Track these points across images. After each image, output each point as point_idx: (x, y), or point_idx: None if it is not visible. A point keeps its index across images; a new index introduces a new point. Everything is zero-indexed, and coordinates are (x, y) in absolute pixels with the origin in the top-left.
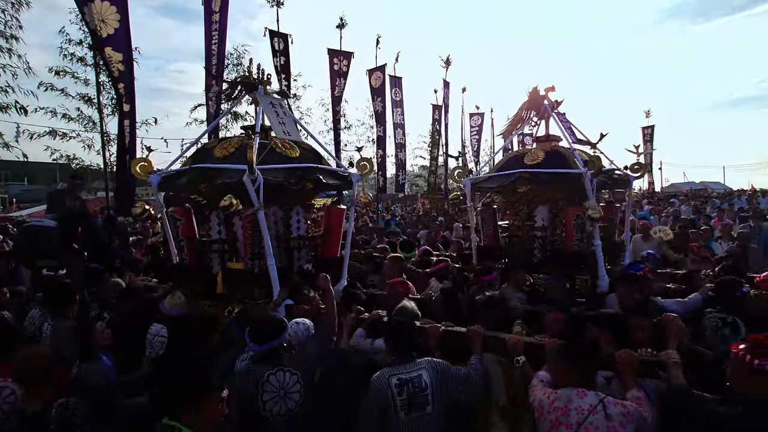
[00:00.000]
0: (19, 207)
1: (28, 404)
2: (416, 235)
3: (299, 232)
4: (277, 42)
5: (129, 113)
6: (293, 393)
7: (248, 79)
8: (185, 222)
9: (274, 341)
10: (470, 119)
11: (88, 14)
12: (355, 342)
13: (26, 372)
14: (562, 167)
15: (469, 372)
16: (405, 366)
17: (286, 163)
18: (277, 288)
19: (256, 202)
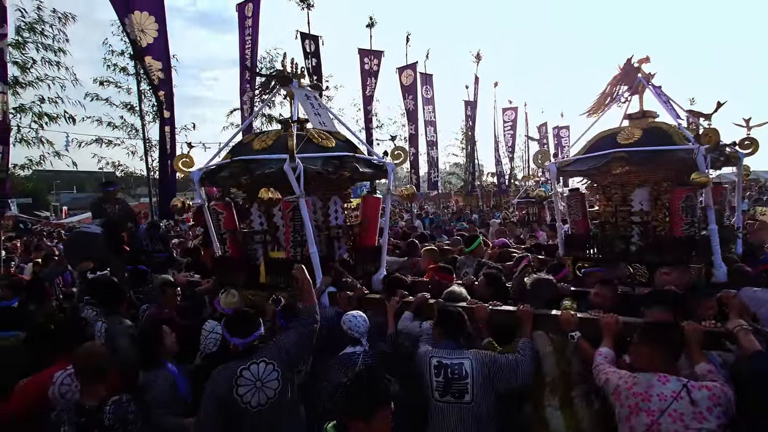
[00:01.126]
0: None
1: (86, 400)
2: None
3: (337, 221)
4: (308, 44)
5: (169, 120)
6: (270, 382)
7: (283, 73)
8: (227, 215)
9: (255, 333)
10: (503, 114)
11: (128, 25)
12: (403, 325)
13: (84, 369)
14: (664, 144)
15: (518, 358)
16: (448, 351)
17: (322, 152)
18: (320, 275)
19: (297, 190)
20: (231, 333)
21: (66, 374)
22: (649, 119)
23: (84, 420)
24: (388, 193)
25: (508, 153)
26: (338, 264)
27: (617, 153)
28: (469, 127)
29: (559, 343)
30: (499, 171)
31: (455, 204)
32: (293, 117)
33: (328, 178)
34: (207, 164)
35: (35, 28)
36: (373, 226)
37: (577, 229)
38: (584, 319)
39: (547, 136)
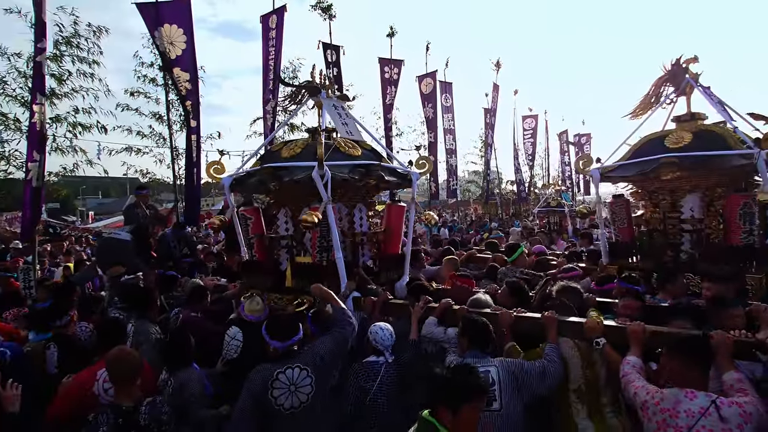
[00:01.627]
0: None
1: (122, 401)
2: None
3: (362, 228)
4: (329, 54)
5: (195, 129)
6: (304, 387)
7: (311, 84)
8: (255, 220)
9: (294, 338)
10: (523, 122)
11: (158, 37)
12: (428, 330)
13: (118, 372)
14: (717, 148)
15: (544, 365)
16: (474, 360)
17: (349, 161)
18: (345, 281)
19: (324, 197)
20: (271, 335)
21: None
22: (699, 122)
23: (121, 421)
24: (412, 202)
25: (528, 161)
26: (362, 270)
27: (667, 158)
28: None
29: (585, 350)
30: (519, 179)
31: (474, 212)
32: (321, 126)
33: (353, 186)
34: (237, 171)
35: (71, 42)
36: (397, 234)
37: (622, 237)
38: (610, 327)
39: (567, 144)
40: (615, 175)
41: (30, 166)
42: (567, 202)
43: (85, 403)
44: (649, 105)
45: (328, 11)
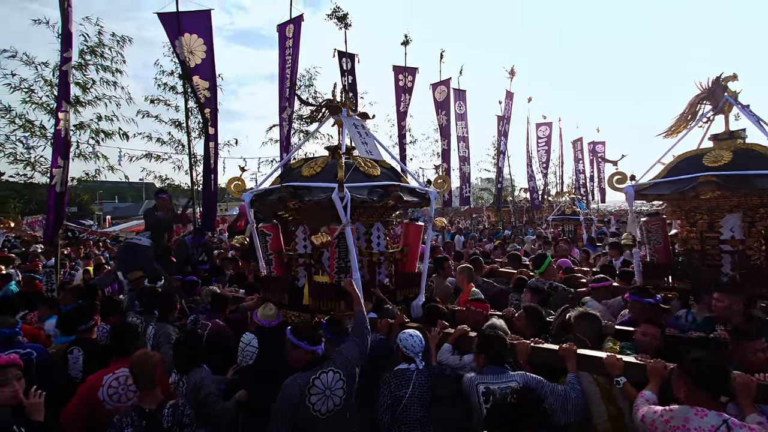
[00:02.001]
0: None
1: (145, 404)
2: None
3: (379, 247)
4: (345, 62)
5: (213, 136)
6: (337, 390)
7: (333, 103)
8: (273, 237)
9: (322, 342)
10: (537, 129)
11: (179, 46)
12: (443, 358)
13: (140, 375)
14: (759, 167)
15: (567, 390)
16: (495, 376)
17: (368, 181)
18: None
19: (344, 219)
20: (300, 338)
21: (114, 377)
22: (738, 140)
23: (145, 423)
24: (429, 221)
25: (542, 169)
26: (379, 289)
27: (707, 177)
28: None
29: (605, 385)
30: (532, 186)
31: (487, 219)
32: (341, 147)
33: (372, 206)
34: (257, 188)
35: (96, 51)
36: (414, 253)
37: (658, 257)
38: (631, 364)
39: (582, 152)
40: (650, 192)
41: (54, 172)
42: (582, 211)
43: (93, 407)
44: (685, 123)
45: (343, 20)
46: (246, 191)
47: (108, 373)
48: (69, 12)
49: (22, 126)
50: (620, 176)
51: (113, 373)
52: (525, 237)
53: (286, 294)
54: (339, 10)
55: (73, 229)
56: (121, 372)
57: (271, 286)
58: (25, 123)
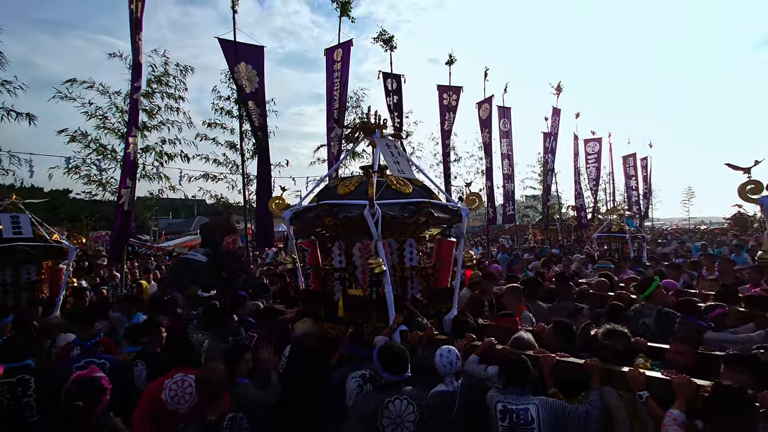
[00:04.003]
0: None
1: (207, 414)
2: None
3: (412, 263)
4: (390, 83)
5: (266, 157)
6: (408, 422)
7: (367, 125)
8: (311, 252)
9: (406, 373)
10: (585, 145)
11: (237, 73)
12: (470, 368)
13: (205, 388)
14: None
15: (588, 410)
16: (514, 397)
17: (400, 198)
18: (393, 314)
19: (375, 234)
20: (384, 367)
21: (173, 381)
22: None
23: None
24: (461, 238)
25: (592, 186)
26: (411, 303)
27: None
28: (549, 159)
29: (630, 401)
30: (580, 204)
31: (533, 238)
32: (374, 166)
33: (404, 222)
34: (297, 206)
35: (162, 80)
36: (447, 268)
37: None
38: (654, 378)
39: (634, 168)
40: None
41: (123, 192)
42: (631, 228)
43: (156, 408)
44: None
45: (389, 43)
46: (286, 209)
47: (167, 378)
48: (139, 45)
49: (96, 150)
50: (754, 185)
51: (171, 378)
52: (573, 256)
53: (322, 306)
54: (385, 33)
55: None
56: (179, 376)
57: (309, 299)
58: (98, 147)
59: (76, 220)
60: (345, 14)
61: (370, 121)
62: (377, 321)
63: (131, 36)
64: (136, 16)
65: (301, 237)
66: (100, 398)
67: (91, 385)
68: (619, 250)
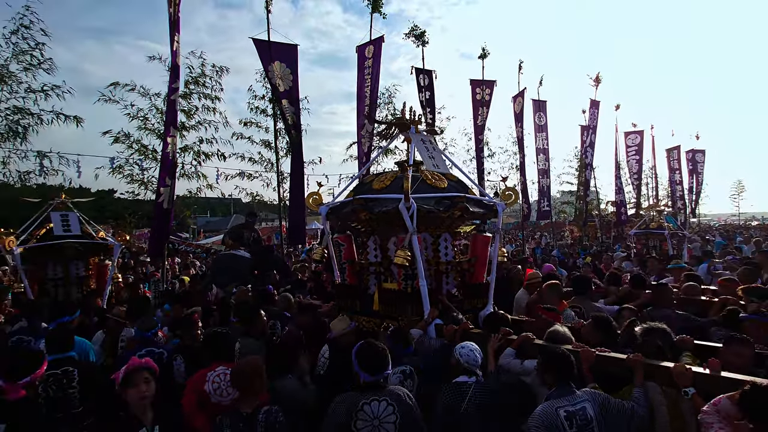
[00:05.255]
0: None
1: (243, 407)
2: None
3: (447, 257)
4: (422, 78)
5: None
6: (387, 424)
7: (402, 120)
8: (347, 247)
9: (385, 372)
10: (626, 138)
11: (271, 72)
12: (505, 362)
13: (244, 383)
14: None
15: (633, 407)
16: (568, 398)
17: (435, 192)
18: (428, 308)
19: (410, 227)
20: (360, 366)
21: (215, 374)
22: None
23: (242, 425)
24: (497, 233)
25: (633, 180)
26: (446, 298)
27: None
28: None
29: (673, 398)
30: (620, 200)
31: (570, 234)
32: (410, 160)
33: (439, 217)
34: (332, 201)
35: (199, 81)
36: (482, 264)
37: None
38: (702, 375)
39: (679, 162)
40: None
41: (162, 191)
42: (672, 225)
43: (201, 398)
44: None
45: (421, 38)
46: (322, 205)
47: (209, 371)
48: (177, 48)
49: (138, 150)
50: None
51: (214, 371)
52: (615, 254)
53: (358, 300)
54: (417, 29)
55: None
56: (221, 369)
57: (344, 293)
58: (140, 147)
59: (120, 219)
60: (376, 10)
61: (405, 116)
62: (412, 314)
63: (170, 38)
64: (174, 17)
65: (337, 232)
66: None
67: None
68: (656, 247)
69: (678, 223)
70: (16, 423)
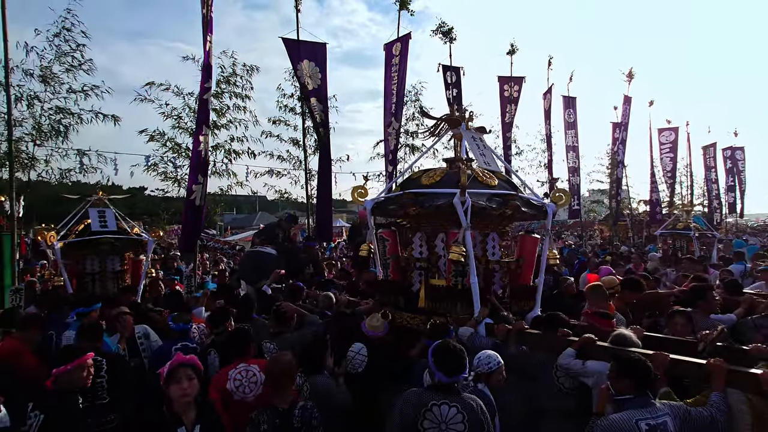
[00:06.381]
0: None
1: (279, 403)
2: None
3: (494, 257)
4: (449, 75)
5: (327, 152)
6: (453, 431)
7: (452, 117)
8: (391, 242)
9: (462, 374)
10: (659, 135)
11: (300, 70)
12: (565, 362)
13: (275, 376)
14: None
15: (714, 414)
16: (648, 410)
17: (486, 190)
18: (478, 305)
19: (464, 223)
20: (438, 366)
21: (237, 372)
22: None
23: (278, 421)
24: (546, 234)
25: (667, 179)
26: (494, 298)
27: None
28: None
29: (758, 406)
30: (655, 199)
31: (600, 234)
32: (462, 156)
33: (489, 215)
34: (379, 196)
35: (230, 80)
36: (530, 265)
37: None
38: None
39: (714, 159)
40: None
41: (194, 188)
42: (700, 226)
43: (224, 397)
44: None
45: (448, 35)
46: (368, 199)
47: (231, 368)
48: (210, 47)
49: (172, 148)
50: None
51: (235, 368)
52: (649, 255)
53: (402, 297)
54: (444, 25)
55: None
56: (242, 366)
57: (387, 290)
58: (174, 146)
59: (153, 215)
60: (404, 7)
61: (455, 113)
62: (461, 312)
63: (203, 37)
64: (207, 17)
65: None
66: None
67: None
68: (683, 248)
69: (707, 224)
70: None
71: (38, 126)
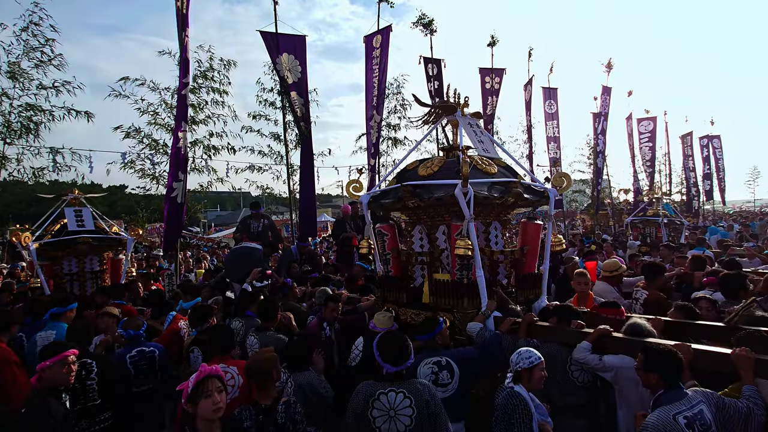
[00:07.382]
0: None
1: (261, 400)
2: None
3: (498, 246)
4: (431, 68)
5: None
6: (403, 416)
7: (448, 103)
8: (390, 236)
9: (407, 362)
10: (638, 125)
11: (279, 64)
12: (581, 356)
13: (258, 373)
14: None
15: (749, 406)
16: (683, 402)
17: (486, 178)
18: (485, 299)
19: (467, 214)
20: (382, 356)
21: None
22: None
23: (261, 417)
24: (549, 220)
25: (646, 168)
26: (501, 290)
27: None
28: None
29: None
30: (636, 187)
31: (582, 224)
32: (459, 145)
33: (490, 204)
34: (375, 189)
35: (207, 75)
36: (534, 253)
37: None
38: None
39: (692, 148)
40: None
41: (174, 185)
42: (669, 213)
43: None
44: None
45: (429, 27)
46: (363, 193)
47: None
48: (186, 42)
49: (149, 145)
50: None
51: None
52: (629, 242)
53: (405, 293)
54: (424, 18)
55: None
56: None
57: (390, 286)
58: (151, 142)
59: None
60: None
61: (451, 99)
62: (468, 307)
63: (178, 33)
64: (182, 12)
65: (378, 221)
66: None
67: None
68: (651, 234)
69: (675, 212)
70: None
71: (8, 124)
